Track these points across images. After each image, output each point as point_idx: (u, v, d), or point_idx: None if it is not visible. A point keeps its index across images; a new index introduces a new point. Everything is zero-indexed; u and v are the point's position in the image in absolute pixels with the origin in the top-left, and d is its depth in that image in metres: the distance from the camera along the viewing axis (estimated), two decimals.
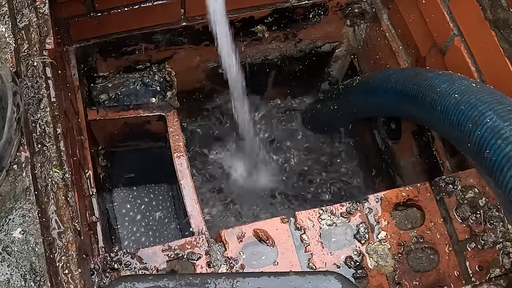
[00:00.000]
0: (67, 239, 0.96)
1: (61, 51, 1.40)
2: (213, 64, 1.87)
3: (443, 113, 1.09)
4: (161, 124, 1.66)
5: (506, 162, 0.91)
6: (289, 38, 1.85)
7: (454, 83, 1.12)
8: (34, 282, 0.87)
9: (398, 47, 1.69)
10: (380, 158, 1.94)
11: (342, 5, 1.77)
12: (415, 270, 1.18)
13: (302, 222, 1.19)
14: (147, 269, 1.14)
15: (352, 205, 1.22)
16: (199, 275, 0.93)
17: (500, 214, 1.21)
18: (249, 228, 1.18)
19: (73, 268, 0.94)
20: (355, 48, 1.94)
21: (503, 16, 1.23)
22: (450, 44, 1.41)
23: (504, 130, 0.93)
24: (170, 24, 1.64)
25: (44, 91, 1.07)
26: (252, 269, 1.14)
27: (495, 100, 1.01)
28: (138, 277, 0.90)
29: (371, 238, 1.19)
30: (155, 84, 1.75)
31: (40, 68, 1.09)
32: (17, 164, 0.96)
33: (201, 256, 1.15)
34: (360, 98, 1.65)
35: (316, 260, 1.16)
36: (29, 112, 1.05)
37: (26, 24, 1.13)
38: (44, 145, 1.03)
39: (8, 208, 0.92)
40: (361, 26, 1.85)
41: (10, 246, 0.90)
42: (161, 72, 1.76)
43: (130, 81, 1.74)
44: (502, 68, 1.25)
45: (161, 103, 1.68)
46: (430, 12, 1.47)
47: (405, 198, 1.24)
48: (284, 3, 1.69)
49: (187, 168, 1.53)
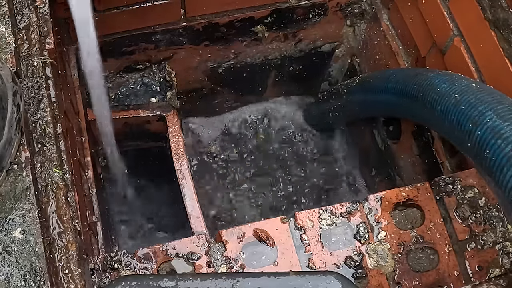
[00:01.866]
0: (67, 239, 0.96)
1: (61, 51, 1.41)
2: (213, 64, 1.87)
3: (443, 113, 1.09)
4: (161, 124, 1.66)
5: (506, 162, 0.91)
6: (289, 38, 1.85)
7: (454, 83, 1.12)
8: (34, 282, 0.87)
9: (398, 47, 1.69)
10: (380, 158, 1.94)
11: (342, 5, 1.77)
12: (415, 270, 1.18)
13: (302, 222, 1.19)
14: (147, 269, 1.14)
15: (352, 205, 1.22)
16: (199, 275, 0.93)
17: (500, 214, 1.21)
18: (249, 228, 1.18)
19: (73, 268, 0.94)
20: (355, 48, 1.94)
21: (502, 16, 1.23)
22: (450, 44, 1.41)
23: (504, 130, 0.93)
24: (170, 24, 1.64)
25: (44, 91, 1.07)
26: (252, 269, 1.14)
27: (495, 100, 1.01)
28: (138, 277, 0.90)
29: (371, 238, 1.19)
30: (155, 84, 1.75)
31: (40, 68, 1.09)
32: (17, 164, 0.96)
33: (201, 256, 1.15)
34: (360, 98, 1.65)
35: (316, 260, 1.16)
36: (29, 112, 1.05)
37: (26, 24, 1.13)
38: (44, 145, 1.03)
39: (8, 208, 0.92)
40: (361, 26, 1.85)
41: (10, 246, 0.90)
42: (161, 72, 1.76)
43: (130, 81, 1.74)
44: (501, 68, 1.25)
45: (161, 103, 1.68)
46: (430, 12, 1.47)
47: (405, 198, 1.24)
48: (284, 3, 1.69)
49: (187, 168, 1.53)
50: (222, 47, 1.80)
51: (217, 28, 1.70)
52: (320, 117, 2.07)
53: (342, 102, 1.78)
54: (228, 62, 1.89)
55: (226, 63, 1.89)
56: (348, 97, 1.72)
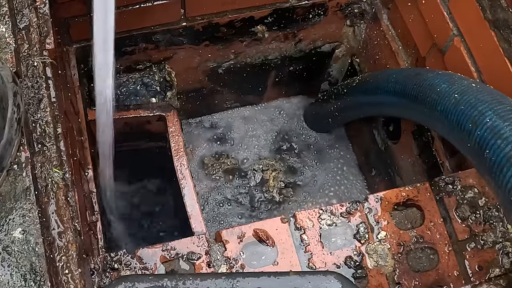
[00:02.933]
0: (67, 239, 0.96)
1: (61, 51, 1.41)
2: (213, 64, 1.87)
3: (443, 113, 1.10)
4: (161, 124, 1.66)
5: (506, 162, 0.91)
6: (289, 38, 1.85)
7: (454, 83, 1.12)
8: (34, 282, 0.87)
9: (398, 47, 1.69)
10: (380, 158, 1.94)
11: (342, 5, 1.77)
12: (414, 270, 1.18)
13: (302, 222, 1.19)
14: (147, 269, 1.14)
15: (352, 205, 1.22)
16: (199, 275, 0.93)
17: (499, 214, 1.21)
18: (249, 228, 1.18)
19: (73, 268, 0.94)
20: (355, 48, 1.94)
21: (502, 16, 1.23)
22: (450, 44, 1.41)
23: (503, 130, 0.94)
24: (170, 24, 1.64)
25: (44, 91, 1.07)
26: (252, 269, 1.14)
27: (495, 100, 1.01)
28: (138, 277, 0.90)
29: (371, 238, 1.19)
30: (155, 84, 1.75)
31: (40, 68, 1.09)
32: (17, 164, 0.96)
33: (201, 256, 1.15)
34: (359, 98, 1.65)
35: (316, 260, 1.16)
36: (29, 112, 1.05)
37: (26, 24, 1.13)
38: (44, 145, 1.03)
39: (8, 208, 0.92)
40: (361, 26, 1.85)
41: (10, 246, 0.90)
42: (161, 72, 1.76)
43: (130, 81, 1.74)
44: (501, 68, 1.25)
45: (161, 103, 1.68)
46: (430, 12, 1.47)
47: (405, 198, 1.24)
48: (284, 3, 1.69)
49: (187, 168, 1.53)
50: (222, 47, 1.80)
51: (217, 28, 1.70)
52: (320, 117, 2.07)
53: (342, 102, 1.78)
54: (228, 62, 1.89)
55: (226, 63, 1.89)
56: (348, 97, 1.72)
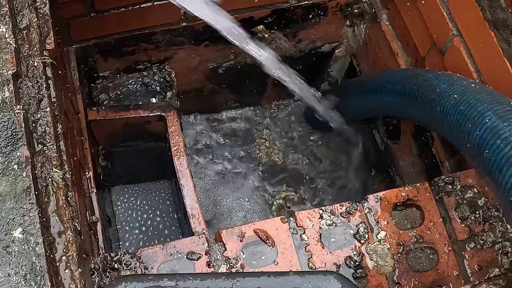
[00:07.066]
0: (67, 239, 0.96)
1: (61, 51, 1.41)
2: (213, 64, 1.87)
3: (442, 113, 1.10)
4: (161, 124, 1.66)
5: (505, 162, 0.91)
6: (289, 38, 1.85)
7: (453, 83, 1.12)
8: (34, 282, 0.88)
9: (397, 47, 1.69)
10: (379, 158, 1.94)
11: (341, 5, 1.77)
12: (414, 270, 1.18)
13: (302, 222, 1.19)
14: (147, 269, 1.14)
15: (351, 205, 1.22)
16: (199, 275, 0.93)
17: (499, 214, 1.21)
18: (249, 228, 1.18)
19: (73, 268, 0.94)
20: (354, 48, 1.95)
21: (502, 16, 1.23)
22: (450, 44, 1.41)
23: (503, 130, 0.94)
24: (170, 24, 1.64)
25: (44, 91, 1.07)
26: (252, 269, 1.14)
27: (494, 100, 1.01)
28: (138, 277, 0.90)
29: (370, 238, 1.19)
30: (155, 84, 1.75)
31: (41, 68, 1.09)
32: (18, 164, 0.96)
33: (201, 256, 1.15)
34: (359, 98, 1.65)
35: (316, 260, 1.17)
36: (29, 112, 1.05)
37: (26, 24, 1.13)
38: (45, 145, 1.03)
39: (9, 208, 0.93)
40: (361, 26, 1.86)
41: (11, 245, 0.90)
42: (161, 72, 1.76)
43: (130, 81, 1.75)
44: (501, 69, 1.25)
45: (161, 103, 1.68)
46: (430, 12, 1.48)
47: (405, 198, 1.24)
48: (284, 3, 1.70)
49: (187, 168, 1.53)
50: (222, 47, 1.80)
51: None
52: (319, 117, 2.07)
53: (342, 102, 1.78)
54: (228, 62, 1.89)
55: (226, 63, 1.89)
56: (347, 97, 1.72)
